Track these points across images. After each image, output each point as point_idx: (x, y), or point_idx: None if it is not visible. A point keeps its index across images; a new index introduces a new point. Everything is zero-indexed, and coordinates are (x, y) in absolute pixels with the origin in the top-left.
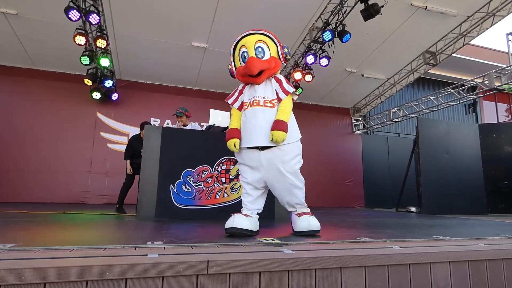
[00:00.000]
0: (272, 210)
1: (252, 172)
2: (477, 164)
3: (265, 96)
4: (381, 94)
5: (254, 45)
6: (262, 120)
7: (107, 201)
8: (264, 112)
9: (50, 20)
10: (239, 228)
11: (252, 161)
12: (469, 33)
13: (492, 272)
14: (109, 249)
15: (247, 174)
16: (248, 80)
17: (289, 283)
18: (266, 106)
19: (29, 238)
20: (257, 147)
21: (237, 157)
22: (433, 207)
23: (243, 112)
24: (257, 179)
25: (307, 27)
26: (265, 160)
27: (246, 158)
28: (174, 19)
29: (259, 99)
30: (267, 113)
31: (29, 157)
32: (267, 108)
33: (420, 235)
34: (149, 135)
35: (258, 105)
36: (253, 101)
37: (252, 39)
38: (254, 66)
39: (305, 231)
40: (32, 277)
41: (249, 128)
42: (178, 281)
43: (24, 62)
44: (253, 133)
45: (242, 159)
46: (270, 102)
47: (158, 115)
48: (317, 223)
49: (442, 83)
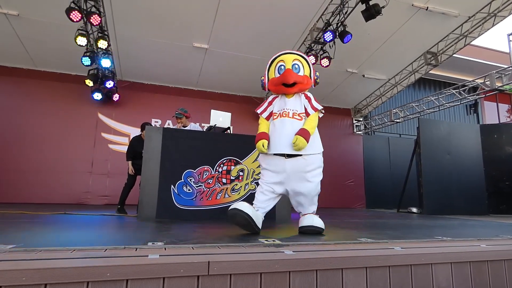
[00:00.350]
0: (273, 211)
1: (274, 176)
2: (479, 165)
3: (294, 109)
4: (382, 95)
5: (291, 61)
6: (290, 130)
7: (108, 201)
8: (292, 123)
9: (51, 21)
10: (241, 210)
11: (276, 167)
12: (470, 33)
13: (494, 273)
14: (110, 249)
15: (269, 177)
16: (280, 89)
17: (290, 284)
18: (294, 118)
19: (30, 239)
20: (282, 155)
21: (262, 162)
22: (434, 208)
23: (272, 121)
24: (277, 183)
25: (308, 27)
26: (290, 167)
27: (271, 164)
28: (175, 20)
29: (288, 111)
30: (295, 124)
31: (30, 157)
32: (295, 120)
33: (422, 236)
34: (150, 136)
35: (287, 116)
36: (283, 112)
37: (291, 57)
38: (290, 76)
39: (308, 226)
40: (33, 278)
41: (277, 137)
42: (179, 282)
43: (25, 63)
44: (281, 141)
45: (267, 164)
46: (298, 115)
47: (159, 116)
48: (320, 221)
49: (443, 83)
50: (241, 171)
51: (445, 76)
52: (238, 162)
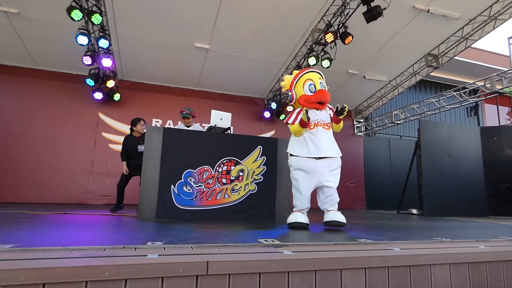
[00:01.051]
0: (272, 211)
1: (307, 176)
2: (479, 167)
3: (324, 120)
4: (383, 96)
5: (318, 80)
6: (323, 137)
7: (109, 201)
8: (324, 132)
9: (52, 20)
10: (301, 222)
11: (309, 167)
12: (471, 36)
13: (492, 274)
14: (109, 249)
15: (302, 177)
16: (314, 106)
17: (289, 284)
18: (324, 127)
19: (29, 239)
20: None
21: (294, 165)
22: (434, 209)
23: (307, 130)
24: (308, 181)
25: (309, 28)
26: (320, 167)
27: (304, 165)
28: (176, 20)
29: (322, 121)
30: (327, 133)
31: (30, 157)
32: (326, 129)
33: (421, 237)
34: (150, 136)
35: (321, 125)
36: (318, 122)
37: (316, 76)
38: (327, 97)
39: (331, 220)
40: (31, 278)
41: (312, 143)
42: (177, 281)
43: (26, 62)
44: (317, 146)
45: (300, 166)
46: (327, 125)
47: (160, 116)
48: (342, 216)
49: (444, 85)
50: (241, 172)
51: (446, 78)
52: (238, 163)
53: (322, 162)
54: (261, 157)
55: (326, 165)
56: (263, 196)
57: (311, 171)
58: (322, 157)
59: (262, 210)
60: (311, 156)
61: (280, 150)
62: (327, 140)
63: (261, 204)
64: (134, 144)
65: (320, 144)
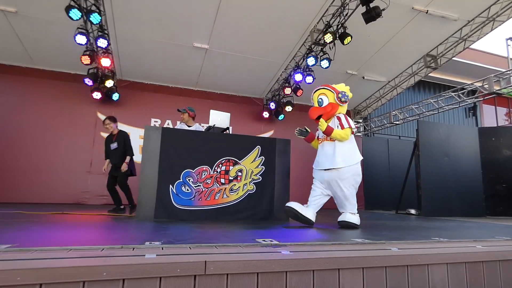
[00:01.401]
0: (270, 211)
1: (319, 184)
2: (477, 167)
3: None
4: (382, 97)
5: (317, 97)
6: (327, 150)
7: (107, 201)
8: (329, 144)
9: (50, 19)
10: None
11: (320, 177)
12: (470, 37)
13: (489, 274)
14: (107, 249)
15: (318, 184)
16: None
17: (287, 284)
18: (327, 140)
19: (26, 239)
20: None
21: (313, 174)
22: (432, 210)
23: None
24: (322, 188)
25: (309, 29)
26: (327, 177)
27: (318, 175)
28: (175, 20)
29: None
30: (330, 146)
31: (28, 157)
32: (329, 142)
33: (418, 237)
34: (149, 136)
35: (325, 140)
36: (324, 137)
37: (317, 93)
38: (312, 113)
39: (341, 221)
40: (28, 278)
41: (320, 156)
42: (175, 281)
43: (24, 61)
44: (322, 159)
45: (316, 175)
46: (329, 138)
47: (158, 116)
48: (353, 217)
49: (442, 86)
50: (240, 172)
51: (445, 79)
52: (236, 163)
53: (330, 173)
54: (260, 157)
55: (334, 175)
56: (262, 196)
57: (322, 181)
58: (329, 169)
59: (261, 210)
60: (318, 168)
61: (279, 151)
62: (331, 153)
63: (259, 204)
64: (109, 142)
65: (322, 157)
